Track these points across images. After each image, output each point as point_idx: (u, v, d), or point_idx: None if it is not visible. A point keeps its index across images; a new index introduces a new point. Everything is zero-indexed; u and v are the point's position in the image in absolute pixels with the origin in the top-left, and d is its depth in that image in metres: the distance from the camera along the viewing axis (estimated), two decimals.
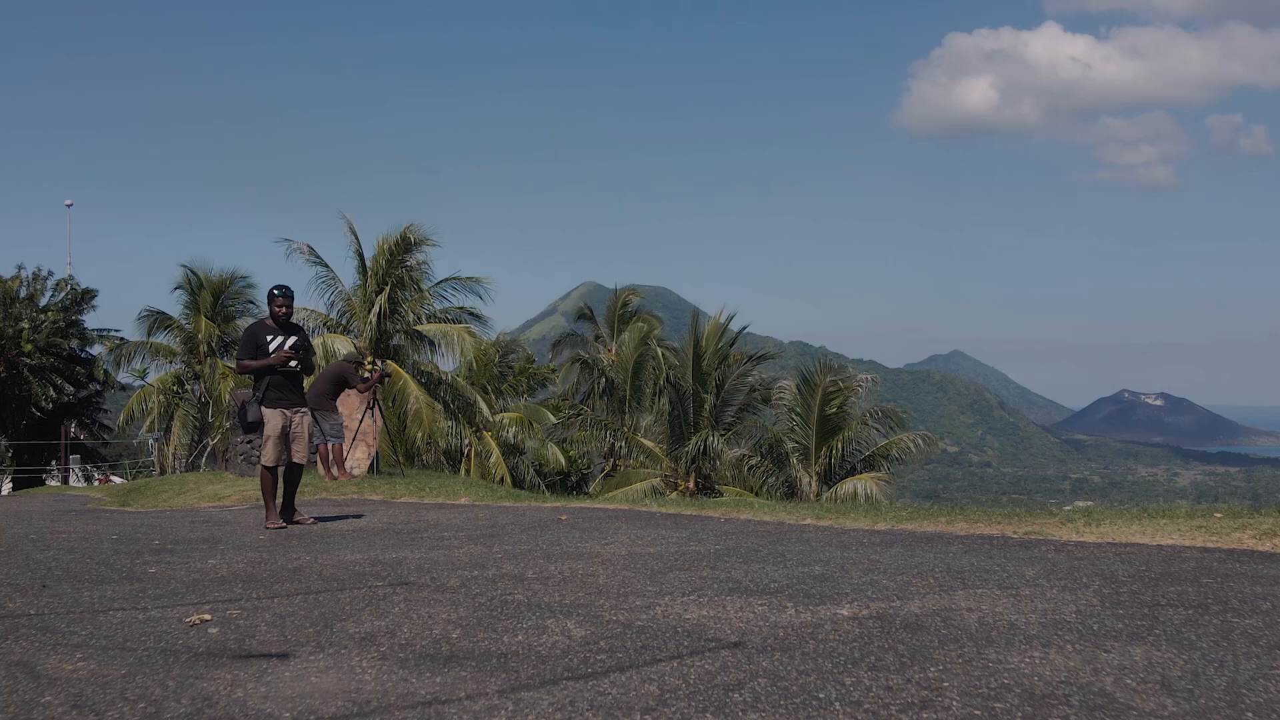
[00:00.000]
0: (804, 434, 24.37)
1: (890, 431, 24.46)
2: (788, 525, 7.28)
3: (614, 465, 38.71)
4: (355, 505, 11.18)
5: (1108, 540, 5.76)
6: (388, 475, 14.36)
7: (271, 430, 8.56)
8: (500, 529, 7.71)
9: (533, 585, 4.93)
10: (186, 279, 36.77)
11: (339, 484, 12.95)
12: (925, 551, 5.68)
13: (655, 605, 4.33)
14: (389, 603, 4.55)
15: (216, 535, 7.83)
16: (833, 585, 4.65)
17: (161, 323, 36.62)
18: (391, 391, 27.32)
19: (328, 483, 13.18)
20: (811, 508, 7.96)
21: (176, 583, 5.26)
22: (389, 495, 12.13)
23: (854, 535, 6.58)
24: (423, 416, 27.20)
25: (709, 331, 30.45)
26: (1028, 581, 4.59)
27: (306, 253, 28.31)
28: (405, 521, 8.74)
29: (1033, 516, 6.72)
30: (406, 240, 28.58)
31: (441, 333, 28.67)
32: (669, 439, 30.82)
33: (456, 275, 29.48)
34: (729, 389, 30.15)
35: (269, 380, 8.60)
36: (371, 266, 28.48)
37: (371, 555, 6.25)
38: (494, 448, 36.99)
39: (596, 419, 37.67)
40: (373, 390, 13.41)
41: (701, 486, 29.62)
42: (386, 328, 28.24)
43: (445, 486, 12.64)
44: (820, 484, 24.25)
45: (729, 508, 8.53)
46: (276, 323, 8.81)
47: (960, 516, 6.95)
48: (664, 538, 6.78)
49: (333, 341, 27.03)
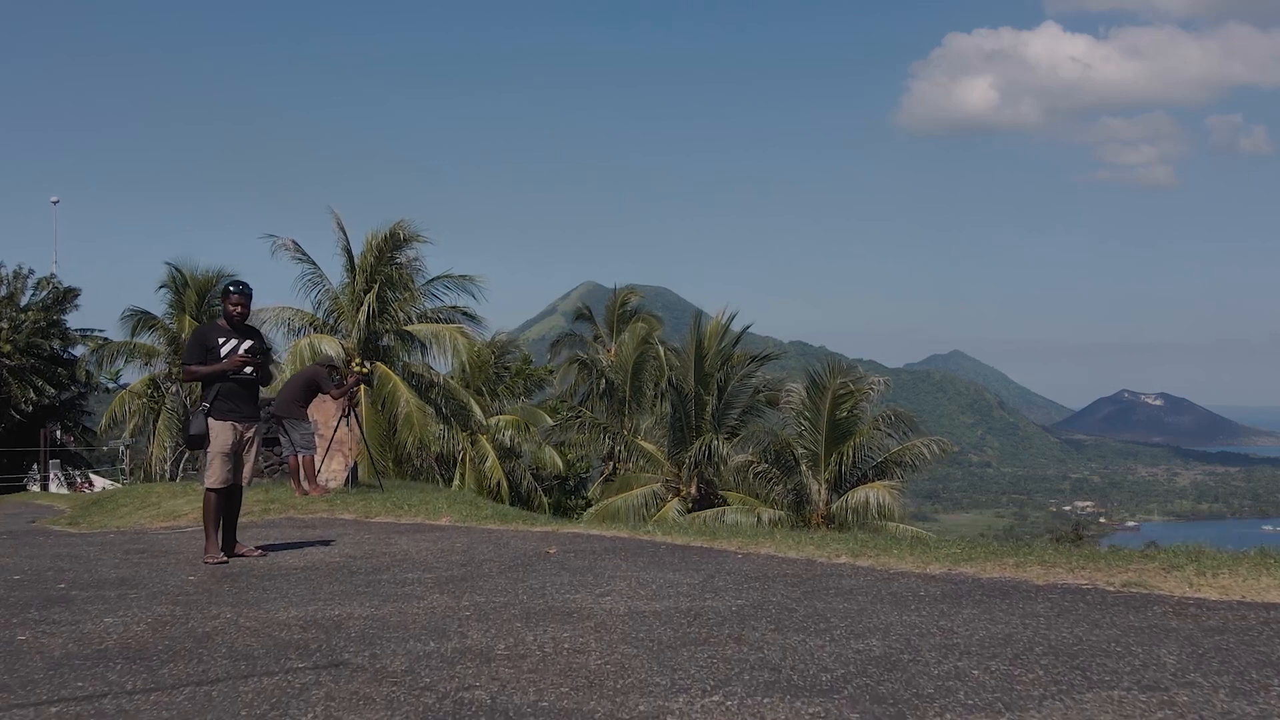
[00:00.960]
0: (813, 439, 23.15)
1: (903, 437, 23.24)
2: (820, 566, 6.05)
3: (614, 469, 37.61)
4: (322, 527, 9.97)
5: (1236, 598, 4.54)
6: (366, 489, 13.15)
7: (220, 446, 7.36)
8: (476, 567, 6.49)
9: (501, 669, 3.71)
10: (171, 277, 35.51)
11: (310, 500, 11.74)
12: (1006, 613, 4.46)
13: (666, 713, 3.11)
14: (302, 705, 3.33)
15: (139, 575, 6.60)
16: (905, 678, 3.43)
17: (146, 323, 35.35)
18: (381, 394, 26.11)
19: (298, 499, 11.98)
20: (844, 542, 6.73)
21: (39, 662, 4.03)
22: (363, 514, 10.92)
23: (906, 584, 5.35)
24: (413, 421, 25.97)
25: (711, 332, 29.25)
26: (1173, 675, 3.37)
27: (292, 249, 27.05)
28: (369, 553, 7.52)
29: (1121, 561, 5.49)
30: (396, 236, 27.30)
31: (433, 333, 27.40)
32: (670, 442, 29.62)
33: (449, 273, 28.19)
34: (732, 391, 28.97)
35: (219, 389, 7.40)
36: (360, 264, 27.21)
37: (309, 612, 5.02)
38: (490, 451, 35.80)
39: (595, 421, 36.45)
40: (349, 396, 12.23)
41: (704, 492, 28.43)
42: (376, 328, 26.98)
43: (426, 503, 11.43)
44: (830, 492, 23.03)
45: (745, 539, 7.30)
46: (231, 324, 7.62)
47: (1031, 557, 5.72)
48: (672, 585, 5.56)
49: (320, 342, 25.79)
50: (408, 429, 25.92)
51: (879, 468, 23.14)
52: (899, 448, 23.27)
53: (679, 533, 7.92)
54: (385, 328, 27.06)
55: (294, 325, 27.23)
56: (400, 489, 13.20)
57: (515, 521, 9.72)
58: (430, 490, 13.26)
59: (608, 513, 29.00)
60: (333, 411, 12.91)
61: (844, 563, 6.13)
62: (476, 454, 36.02)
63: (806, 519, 23.36)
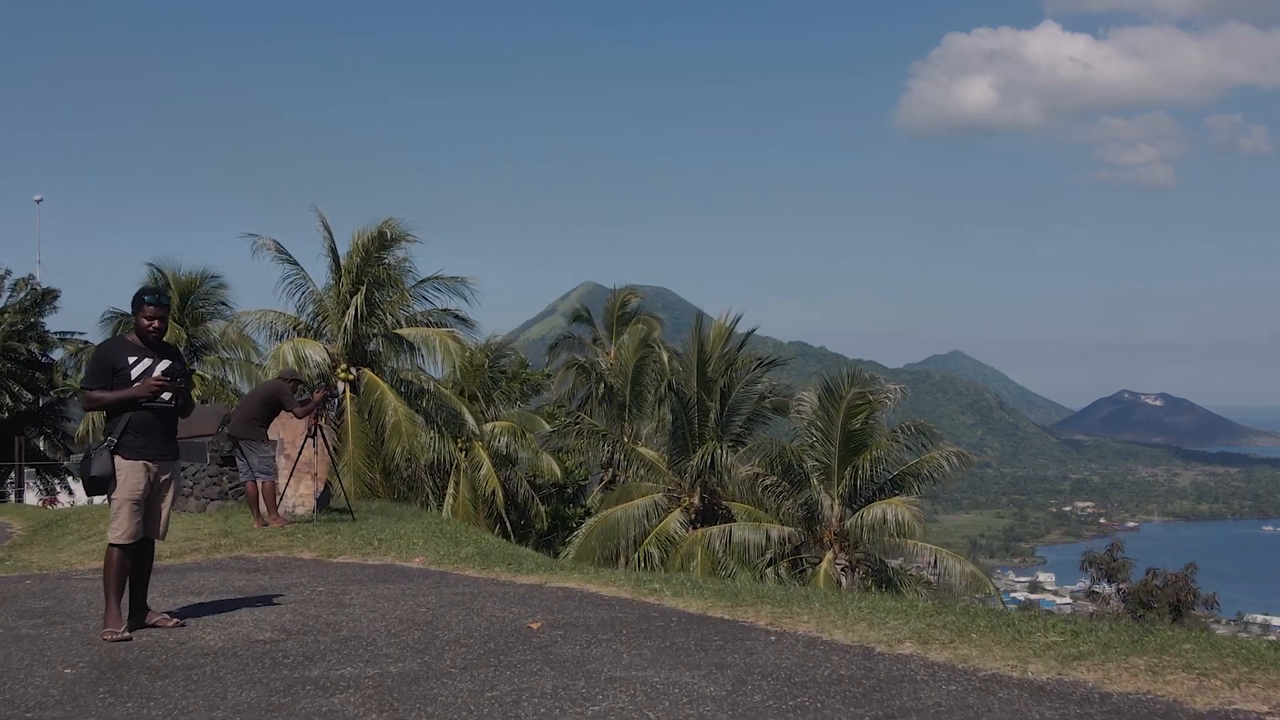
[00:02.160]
0: (825, 451, 21.73)
1: (921, 448, 21.82)
2: (882, 662, 4.62)
3: (613, 475, 36.31)
4: (274, 571, 8.56)
5: None
6: (338, 515, 11.73)
7: (128, 492, 5.92)
8: (437, 655, 5.06)
9: None
10: (153, 278, 34.11)
11: (268, 534, 10.32)
12: None
13: None
14: None
15: (5, 662, 5.16)
16: None
17: (126, 325, 33.94)
18: (369, 402, 24.69)
19: (255, 530, 10.56)
20: (905, 616, 5.30)
21: None
22: (325, 552, 9.51)
23: (1008, 704, 3.92)
24: (402, 430, 24.54)
25: (714, 335, 27.82)
26: None
27: (274, 249, 25.58)
28: (310, 624, 6.08)
29: None
30: (384, 236, 25.81)
31: (423, 338, 25.94)
32: (672, 449, 28.22)
33: (439, 275, 26.68)
34: (736, 397, 27.56)
35: (129, 420, 5.94)
36: (346, 265, 25.71)
37: None
38: (485, 459, 34.44)
39: (593, 427, 35.04)
40: (315, 414, 10.83)
41: (708, 503, 27.03)
42: (363, 332, 25.50)
43: (400, 537, 10.03)
44: (844, 507, 21.61)
45: (777, 607, 5.86)
46: (144, 341, 6.14)
47: (1167, 655, 4.29)
48: (690, 695, 4.14)
49: (303, 346, 24.34)
50: (396, 439, 24.49)
51: (896, 481, 21.73)
52: (916, 460, 21.87)
53: (692, 594, 6.48)
54: (372, 332, 25.60)
55: (276, 329, 25.83)
56: (374, 516, 11.79)
57: (498, 566, 8.30)
58: (409, 517, 11.85)
59: (607, 524, 27.65)
60: (300, 430, 11.51)
61: (911, 655, 4.71)
62: (471, 462, 34.72)
63: (818, 536, 21.98)
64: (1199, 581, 21.44)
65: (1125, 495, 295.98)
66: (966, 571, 21.00)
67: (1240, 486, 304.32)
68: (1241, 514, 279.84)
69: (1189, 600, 20.01)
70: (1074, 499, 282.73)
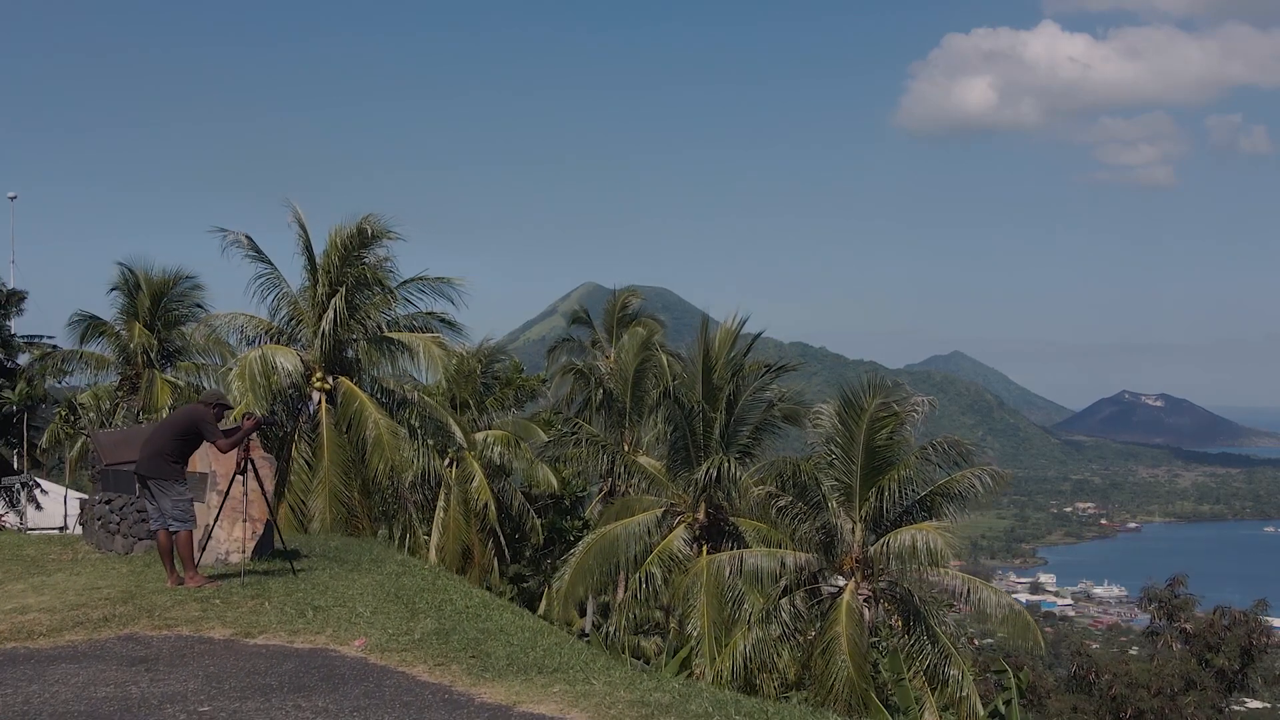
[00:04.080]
0: (845, 469, 19.61)
1: (953, 466, 19.71)
2: None
3: (612, 485, 34.35)
4: (165, 662, 6.50)
5: None
6: (274, 569, 9.63)
7: None
8: None
9: None
10: (123, 278, 32.00)
11: (180, 596, 8.25)
12: None
13: None
14: None
15: None
16: None
17: (95, 328, 31.90)
18: (347, 414, 22.64)
19: (167, 591, 8.49)
20: None
21: None
22: (244, 629, 7.45)
23: None
24: (383, 444, 22.46)
25: (720, 340, 25.69)
26: None
27: (245, 245, 23.42)
28: None
29: None
30: (364, 233, 23.60)
31: (406, 343, 23.81)
32: (672, 460, 26.14)
33: (424, 275, 24.48)
34: (743, 406, 25.48)
35: None
36: (323, 264, 23.54)
37: None
38: (477, 470, 32.45)
39: (592, 436, 33.01)
40: (245, 444, 8.78)
41: (713, 518, 24.96)
42: (341, 337, 23.37)
43: (344, 603, 7.97)
44: (866, 532, 19.52)
45: None
46: None
47: None
48: None
49: (274, 354, 22.26)
50: (377, 454, 22.40)
51: (924, 503, 19.63)
52: (945, 479, 19.76)
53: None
54: (351, 337, 23.50)
55: (247, 333, 23.76)
56: (322, 566, 9.70)
57: (458, 662, 6.23)
58: (364, 565, 9.77)
59: (605, 542, 25.64)
60: (232, 463, 9.44)
61: None
62: (462, 474, 32.72)
63: (837, 563, 19.90)
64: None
65: (1126, 496, 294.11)
66: (1004, 604, 18.93)
67: (1241, 487, 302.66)
68: (1243, 515, 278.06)
69: (1261, 643, 17.79)
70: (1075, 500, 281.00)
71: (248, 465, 9.05)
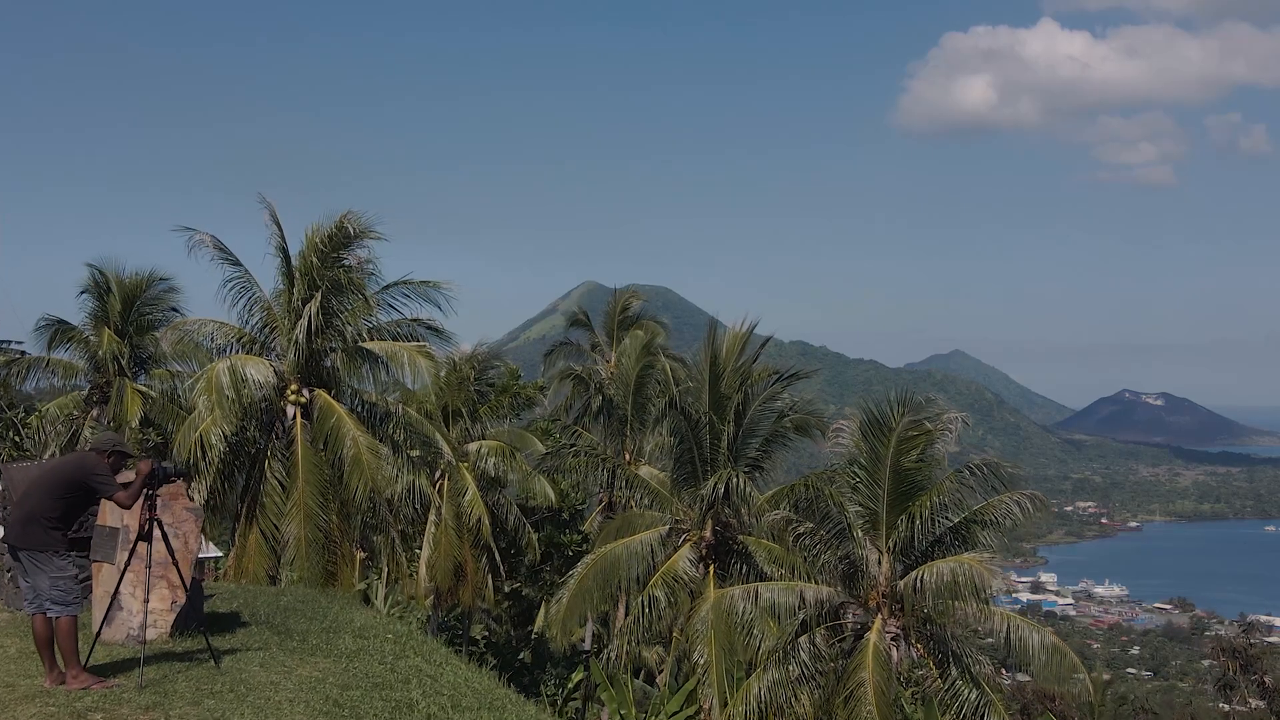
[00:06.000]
0: (870, 494, 17.79)
1: (989, 490, 17.87)
2: None
3: (612, 498, 32.56)
4: None
5: None
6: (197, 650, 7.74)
7: None
8: None
9: None
10: (93, 280, 30.10)
11: (52, 704, 6.37)
12: None
13: None
14: None
15: None
16: None
17: (64, 334, 30.00)
18: (324, 431, 20.81)
19: (41, 693, 6.60)
20: None
21: None
22: None
23: None
24: (363, 463, 20.61)
25: (728, 346, 23.73)
26: None
27: (211, 246, 21.48)
28: None
29: None
30: (344, 232, 21.67)
31: (389, 352, 21.90)
32: (676, 474, 24.26)
33: (408, 279, 22.58)
34: (753, 417, 23.58)
35: None
36: (299, 266, 21.61)
37: None
38: (470, 483, 30.68)
39: (592, 450, 31.06)
40: (145, 497, 6.90)
41: (721, 536, 23.08)
42: (317, 346, 21.46)
43: (268, 710, 6.11)
44: (895, 563, 17.67)
45: None
46: None
47: None
48: None
49: (244, 365, 20.41)
50: (357, 473, 20.55)
51: (957, 531, 17.79)
52: (981, 505, 17.92)
53: None
54: (329, 346, 21.61)
55: (217, 341, 21.89)
56: (246, 657, 7.79)
57: None
58: (309, 644, 7.91)
59: (606, 562, 23.76)
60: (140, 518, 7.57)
61: None
62: (454, 487, 30.94)
63: (862, 598, 18.04)
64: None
65: (1127, 495, 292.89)
66: (1047, 644, 17.08)
67: (1242, 486, 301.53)
68: (1243, 514, 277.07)
69: None
70: (1075, 499, 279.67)
71: (151, 528, 7.14)
